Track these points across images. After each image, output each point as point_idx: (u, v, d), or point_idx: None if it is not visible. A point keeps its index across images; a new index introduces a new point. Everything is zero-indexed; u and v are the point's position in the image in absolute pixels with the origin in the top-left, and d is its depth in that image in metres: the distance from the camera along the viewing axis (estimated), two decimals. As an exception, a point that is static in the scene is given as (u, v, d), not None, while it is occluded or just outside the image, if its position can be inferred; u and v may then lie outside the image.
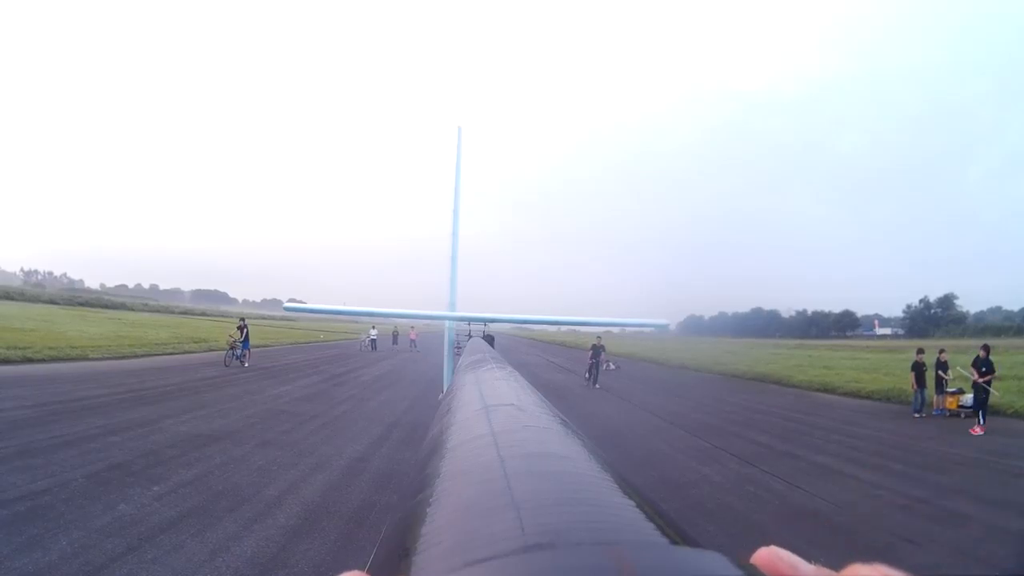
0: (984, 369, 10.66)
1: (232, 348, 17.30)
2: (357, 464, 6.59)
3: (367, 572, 0.58)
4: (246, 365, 17.16)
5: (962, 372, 12.07)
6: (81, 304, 49.41)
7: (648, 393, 16.49)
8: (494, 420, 0.91)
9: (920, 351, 12.84)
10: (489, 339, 5.20)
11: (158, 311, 58.00)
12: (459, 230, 6.76)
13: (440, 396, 3.49)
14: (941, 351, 12.92)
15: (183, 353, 20.47)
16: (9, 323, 20.57)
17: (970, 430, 10.07)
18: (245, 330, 17.54)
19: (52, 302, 46.41)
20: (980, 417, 10.36)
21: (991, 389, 10.73)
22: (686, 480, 6.61)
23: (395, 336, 35.42)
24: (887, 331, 73.19)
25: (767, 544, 0.31)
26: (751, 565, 0.30)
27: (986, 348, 11.01)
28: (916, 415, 12.29)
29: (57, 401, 9.04)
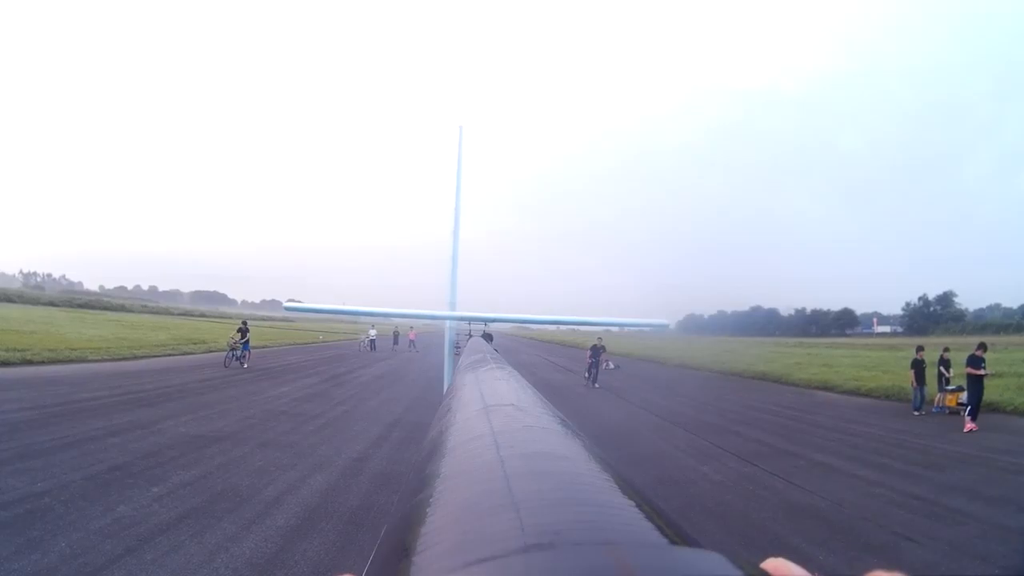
0: (982, 365, 10.59)
1: (232, 349, 17.34)
2: (356, 464, 6.59)
3: (366, 572, 0.58)
4: (245, 366, 17.16)
5: (943, 371, 12.40)
6: (80, 306, 49.30)
7: (647, 392, 16.49)
8: (494, 420, 0.91)
9: (920, 348, 12.84)
10: (488, 337, 5.23)
11: (157, 312, 57.93)
12: (460, 230, 6.75)
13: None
14: (945, 349, 12.91)
15: (182, 354, 20.46)
16: (8, 325, 20.54)
17: (965, 429, 10.04)
18: (246, 332, 17.58)
19: (52, 304, 46.31)
20: (969, 412, 10.30)
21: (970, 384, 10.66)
22: (685, 478, 6.62)
23: (396, 336, 35.36)
24: (886, 329, 73.20)
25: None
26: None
27: (982, 346, 11.00)
28: (916, 412, 12.29)
29: (57, 403, 9.03)
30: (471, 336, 5.67)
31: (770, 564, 0.31)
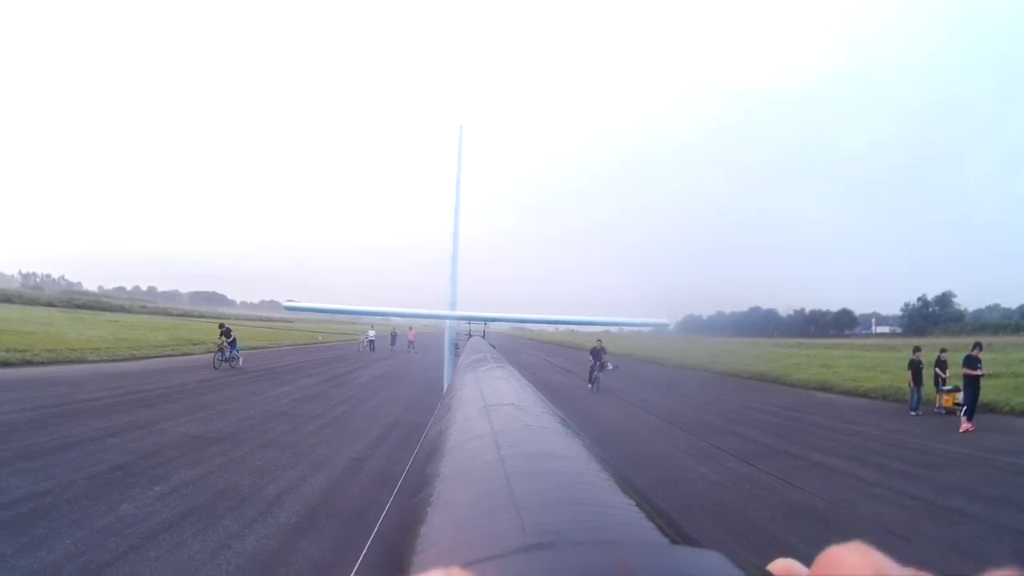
0: (978, 365, 10.58)
1: (221, 350, 17.26)
2: (355, 464, 6.59)
3: (366, 572, 0.59)
4: (240, 364, 17.16)
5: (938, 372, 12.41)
6: (79, 306, 49.07)
7: (647, 392, 16.50)
8: (494, 420, 0.92)
9: (917, 349, 12.85)
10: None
11: (156, 313, 57.65)
12: (460, 229, 6.74)
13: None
14: (942, 350, 12.92)
15: (181, 355, 20.44)
16: (8, 326, 20.48)
17: (961, 429, 10.03)
18: (231, 333, 17.50)
19: (51, 304, 46.15)
20: (966, 412, 10.28)
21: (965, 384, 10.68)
22: (684, 478, 6.62)
23: (393, 337, 35.16)
24: (885, 329, 73.01)
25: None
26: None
27: (978, 346, 11.01)
28: (913, 413, 12.30)
29: (57, 404, 9.03)
30: (471, 336, 5.66)
31: (778, 565, 0.31)
